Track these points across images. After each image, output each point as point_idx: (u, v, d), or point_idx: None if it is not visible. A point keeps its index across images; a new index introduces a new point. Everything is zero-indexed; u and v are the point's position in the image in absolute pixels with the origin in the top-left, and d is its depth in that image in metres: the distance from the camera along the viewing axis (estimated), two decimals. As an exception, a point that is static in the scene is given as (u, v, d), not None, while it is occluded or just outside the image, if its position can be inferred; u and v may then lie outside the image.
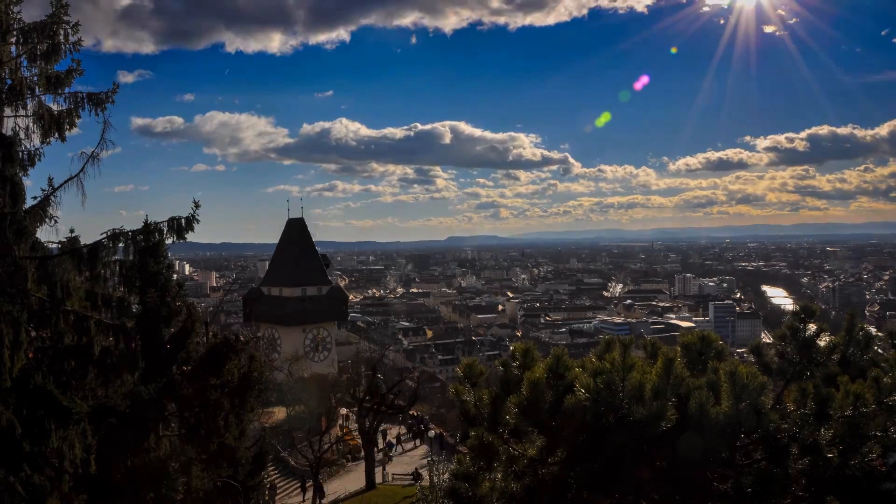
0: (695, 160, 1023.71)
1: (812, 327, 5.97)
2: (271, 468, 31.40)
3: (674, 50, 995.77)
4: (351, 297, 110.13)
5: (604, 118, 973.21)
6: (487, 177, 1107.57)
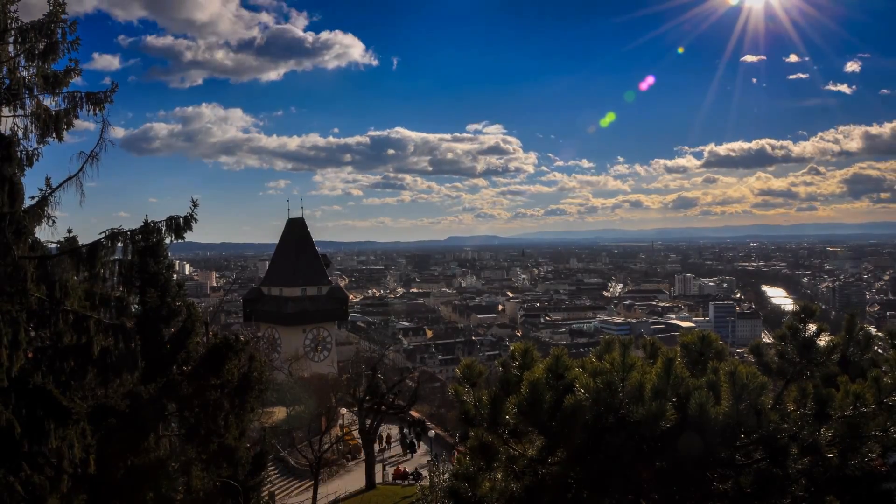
0: (645, 168, 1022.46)
1: (812, 327, 5.97)
2: (271, 468, 31.42)
3: (680, 50, 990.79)
4: (351, 297, 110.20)
5: (608, 118, 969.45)
6: (461, 182, 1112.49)
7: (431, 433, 38.89)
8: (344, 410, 41.42)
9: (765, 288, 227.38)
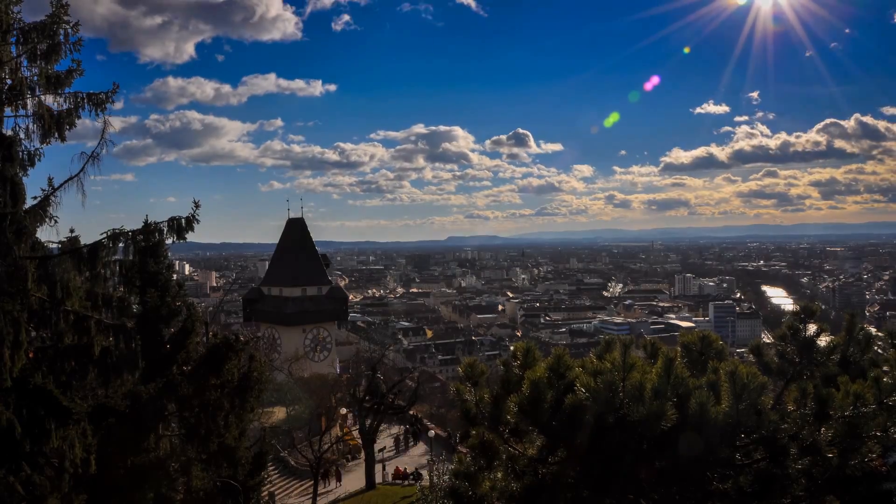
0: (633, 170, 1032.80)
1: (812, 327, 5.98)
2: (271, 468, 31.43)
3: (687, 50, 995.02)
4: (351, 297, 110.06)
5: (612, 118, 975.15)
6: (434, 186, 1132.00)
7: (431, 433, 38.91)
8: (344, 410, 41.44)
9: (765, 288, 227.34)
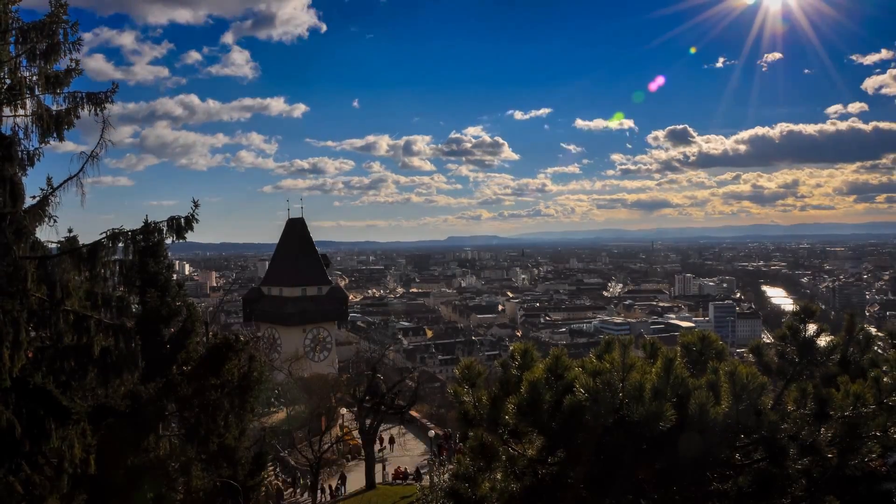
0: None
1: (812, 327, 5.97)
2: (271, 468, 31.43)
3: (693, 50, 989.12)
4: (351, 297, 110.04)
5: (617, 117, 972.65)
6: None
7: (431, 433, 38.85)
8: (344, 410, 41.42)
9: (765, 288, 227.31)
